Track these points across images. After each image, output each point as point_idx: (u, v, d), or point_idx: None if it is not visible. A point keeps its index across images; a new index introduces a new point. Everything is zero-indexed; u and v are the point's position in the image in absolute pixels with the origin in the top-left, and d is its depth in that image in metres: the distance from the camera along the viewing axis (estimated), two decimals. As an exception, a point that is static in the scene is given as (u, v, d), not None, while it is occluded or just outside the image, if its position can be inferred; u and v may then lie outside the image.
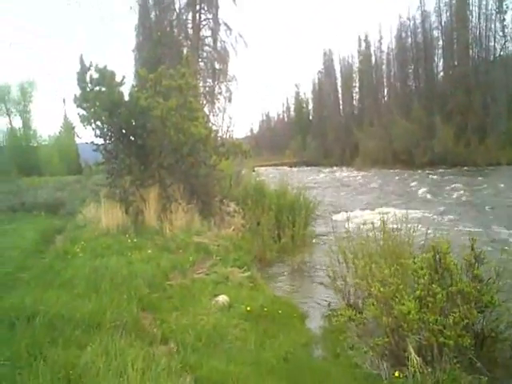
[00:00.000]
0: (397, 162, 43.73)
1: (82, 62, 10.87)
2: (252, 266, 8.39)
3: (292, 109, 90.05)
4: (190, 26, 31.79)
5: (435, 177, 29.74)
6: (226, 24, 31.40)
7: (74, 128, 42.19)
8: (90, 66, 10.86)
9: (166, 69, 12.30)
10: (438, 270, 4.81)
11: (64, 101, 46.49)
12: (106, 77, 10.79)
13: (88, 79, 10.85)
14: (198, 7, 31.18)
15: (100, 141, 11.28)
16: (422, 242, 6.21)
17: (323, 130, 68.26)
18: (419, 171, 35.45)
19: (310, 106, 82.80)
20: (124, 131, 11.31)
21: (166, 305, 5.79)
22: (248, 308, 5.76)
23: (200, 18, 31.39)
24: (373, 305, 4.76)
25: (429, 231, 6.88)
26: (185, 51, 30.98)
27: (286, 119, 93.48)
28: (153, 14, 31.79)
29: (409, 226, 6.63)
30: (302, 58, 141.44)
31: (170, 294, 6.24)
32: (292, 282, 8.38)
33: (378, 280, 5.06)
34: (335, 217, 14.30)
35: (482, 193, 20.67)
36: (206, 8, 31.48)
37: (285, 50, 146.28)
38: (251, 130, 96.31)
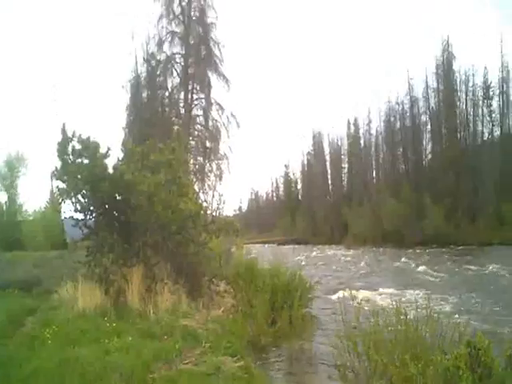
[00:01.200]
0: (387, 241, 43.21)
1: (63, 132, 10.30)
2: (246, 353, 7.42)
3: (281, 188, 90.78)
4: (181, 105, 32.19)
5: (429, 256, 28.95)
6: (218, 104, 31.83)
7: (60, 203, 41.52)
8: (73, 136, 10.28)
9: (155, 143, 11.90)
10: (476, 369, 4.03)
11: (51, 175, 45.93)
12: (90, 148, 10.22)
13: (70, 150, 10.29)
14: (190, 87, 31.73)
15: (80, 215, 10.54)
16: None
17: (312, 209, 68.41)
18: (410, 250, 34.82)
19: (299, 186, 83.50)
20: (106, 206, 10.61)
21: (146, 405, 4.84)
22: (245, 412, 4.83)
23: (192, 97, 31.84)
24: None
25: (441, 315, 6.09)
26: (175, 129, 31.14)
27: (274, 198, 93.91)
28: (145, 93, 32.22)
29: (425, 311, 5.84)
30: (291, 137, 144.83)
31: (152, 391, 5.28)
32: (292, 374, 7.41)
33: (404, 380, 4.25)
34: (333, 297, 13.50)
35: (487, 272, 19.67)
36: (198, 88, 32.03)
37: (274, 129, 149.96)
38: (240, 208, 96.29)
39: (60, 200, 10.29)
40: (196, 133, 32.25)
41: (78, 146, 10.35)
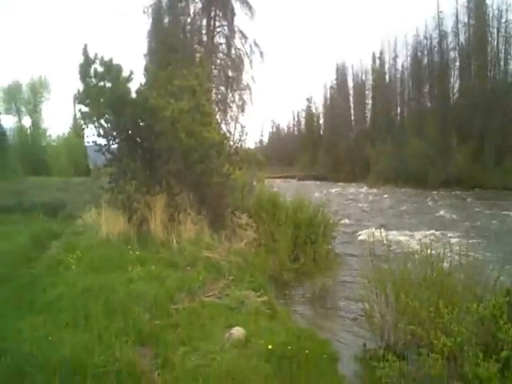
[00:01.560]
0: (410, 181, 42.31)
1: (85, 53, 9.88)
2: (269, 288, 7.35)
3: (302, 122, 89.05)
4: (204, 32, 31.07)
5: (457, 200, 28.02)
6: (241, 32, 30.66)
7: (83, 128, 41.71)
8: (95, 58, 9.89)
9: (178, 68, 11.48)
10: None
11: (74, 99, 45.76)
12: (112, 71, 9.82)
13: (92, 73, 9.90)
14: (212, 13, 30.47)
15: (103, 141, 10.32)
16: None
17: (334, 145, 67.05)
18: (434, 192, 34.21)
19: (321, 121, 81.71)
20: (130, 132, 10.35)
21: (170, 336, 4.76)
22: (269, 346, 4.72)
23: (214, 24, 30.67)
24: (435, 359, 3.71)
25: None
26: (198, 57, 30.22)
27: (296, 132, 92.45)
28: (166, 19, 31.07)
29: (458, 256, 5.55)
30: (314, 67, 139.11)
31: (175, 321, 5.20)
32: (315, 311, 7.31)
33: (437, 327, 4.06)
34: (358, 236, 13.40)
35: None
36: (220, 14, 30.76)
37: (297, 59, 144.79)
38: (260, 141, 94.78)
39: (83, 124, 10.02)
40: (218, 61, 31.31)
41: (100, 69, 9.98)
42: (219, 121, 25.33)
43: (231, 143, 14.71)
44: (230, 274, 7.53)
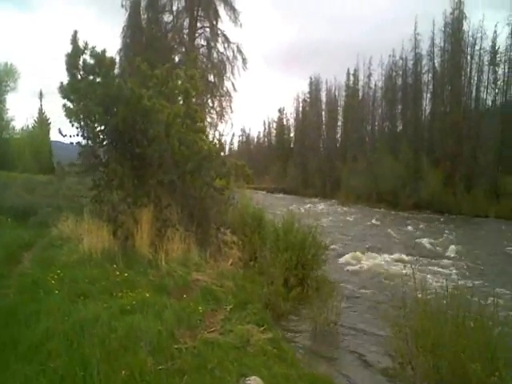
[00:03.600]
0: (381, 201, 42.40)
1: (74, 41, 8.90)
2: (271, 322, 6.65)
3: (273, 134, 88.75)
4: (185, 31, 30.11)
5: (427, 223, 27.87)
6: (224, 35, 29.83)
7: (49, 124, 40.14)
8: (85, 47, 8.93)
9: (172, 68, 10.81)
10: None
11: (41, 93, 44.14)
12: (104, 64, 8.91)
13: (81, 65, 8.97)
14: (195, 13, 29.56)
15: (81, 140, 9.38)
16: None
17: (304, 159, 67.17)
18: (406, 214, 34.17)
19: (292, 134, 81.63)
20: (120, 135, 9.44)
21: (178, 387, 4.02)
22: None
23: (196, 24, 29.75)
24: None
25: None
26: (177, 59, 29.21)
27: (266, 143, 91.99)
28: (145, 16, 29.92)
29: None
30: (287, 77, 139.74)
31: (180, 366, 4.41)
32: (322, 350, 6.56)
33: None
34: (341, 260, 12.96)
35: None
36: (203, 15, 29.85)
37: (269, 67, 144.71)
38: (230, 149, 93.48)
39: (69, 121, 8.96)
40: (198, 64, 30.46)
41: (90, 60, 9.08)
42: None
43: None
44: (228, 302, 6.84)
